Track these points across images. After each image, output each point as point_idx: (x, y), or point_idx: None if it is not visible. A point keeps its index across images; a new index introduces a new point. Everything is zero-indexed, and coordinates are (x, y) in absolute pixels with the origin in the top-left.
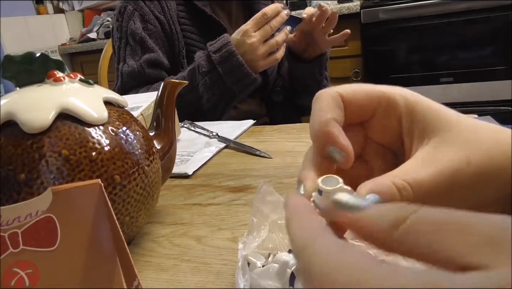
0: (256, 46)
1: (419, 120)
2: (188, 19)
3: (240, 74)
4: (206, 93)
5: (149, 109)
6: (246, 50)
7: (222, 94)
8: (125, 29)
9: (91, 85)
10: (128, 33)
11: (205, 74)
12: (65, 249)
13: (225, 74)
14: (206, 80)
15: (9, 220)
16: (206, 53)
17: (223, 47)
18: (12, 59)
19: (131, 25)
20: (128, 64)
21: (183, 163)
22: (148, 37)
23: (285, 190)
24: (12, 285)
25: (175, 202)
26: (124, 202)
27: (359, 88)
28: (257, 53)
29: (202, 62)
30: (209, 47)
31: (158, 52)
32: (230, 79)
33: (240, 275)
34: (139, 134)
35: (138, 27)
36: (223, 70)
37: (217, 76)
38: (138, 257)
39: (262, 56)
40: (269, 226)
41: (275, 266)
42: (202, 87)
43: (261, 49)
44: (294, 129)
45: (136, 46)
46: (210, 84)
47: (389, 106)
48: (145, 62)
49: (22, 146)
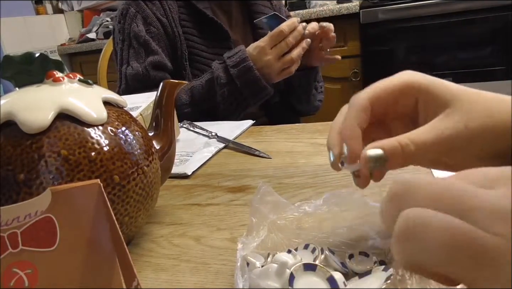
0: (272, 63)
1: (432, 99)
2: (190, 21)
3: (257, 88)
4: (223, 104)
5: (148, 110)
6: (262, 66)
7: (238, 104)
8: (128, 31)
9: (90, 85)
10: (131, 35)
11: (224, 86)
12: (64, 249)
13: (242, 87)
14: (225, 92)
15: (8, 220)
16: (223, 66)
17: (241, 62)
18: (11, 60)
19: (134, 27)
20: (132, 66)
21: (182, 163)
22: (151, 39)
23: (284, 189)
24: (11, 285)
25: (174, 202)
26: (123, 202)
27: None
28: (273, 69)
29: (220, 74)
30: (227, 61)
31: (161, 55)
32: (247, 91)
33: (239, 275)
34: (138, 134)
35: (141, 30)
36: (241, 83)
37: (235, 89)
38: (137, 257)
39: (277, 72)
40: (268, 226)
41: (274, 266)
42: (220, 97)
43: (276, 66)
44: (293, 130)
45: (139, 49)
46: (228, 95)
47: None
48: (150, 64)
49: (21, 146)
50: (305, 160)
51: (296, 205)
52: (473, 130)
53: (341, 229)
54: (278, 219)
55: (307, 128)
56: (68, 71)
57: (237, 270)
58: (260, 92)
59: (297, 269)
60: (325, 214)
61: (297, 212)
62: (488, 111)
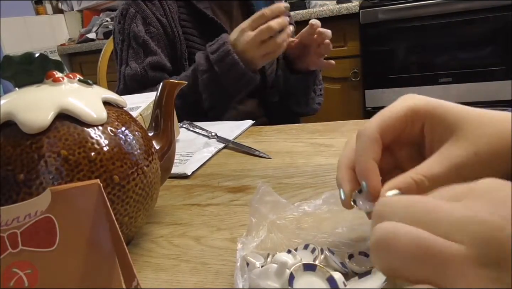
0: (252, 45)
1: (438, 123)
2: (190, 21)
3: (236, 73)
4: (204, 92)
5: (148, 110)
6: (243, 48)
7: (220, 92)
8: (127, 31)
9: (90, 85)
10: (131, 35)
11: (203, 73)
12: (64, 249)
13: (222, 73)
14: (204, 79)
15: (8, 220)
16: (205, 54)
17: (220, 47)
18: (11, 60)
19: (133, 27)
20: (131, 67)
21: (182, 163)
22: (150, 40)
23: (284, 189)
24: (11, 286)
25: (174, 202)
26: (123, 202)
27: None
28: (255, 52)
29: (201, 62)
30: (207, 48)
31: (160, 55)
32: (226, 77)
33: (239, 275)
34: (138, 134)
35: (140, 30)
36: (220, 69)
37: (215, 75)
38: (137, 257)
39: (259, 55)
40: (268, 226)
41: (274, 266)
42: (201, 85)
43: (258, 49)
44: (293, 130)
45: (138, 49)
46: (208, 82)
47: (413, 115)
48: (148, 65)
49: (21, 146)
50: (305, 160)
51: (295, 205)
52: (484, 157)
53: (341, 229)
54: (277, 219)
55: (307, 129)
56: (68, 71)
57: (237, 270)
58: (240, 78)
59: (297, 269)
60: (325, 214)
61: (297, 212)
62: (497, 134)
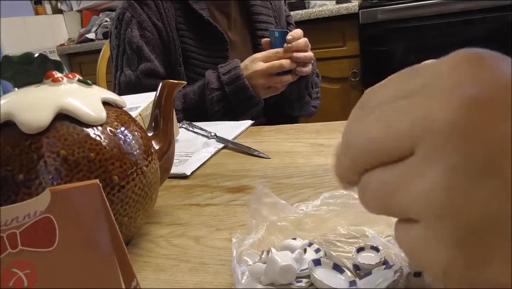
0: (260, 74)
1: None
2: (186, 24)
3: (245, 96)
4: (212, 108)
5: (147, 110)
6: (251, 75)
7: (226, 111)
8: (123, 37)
9: (89, 85)
10: (126, 41)
11: (214, 90)
12: (63, 250)
13: (231, 94)
14: (213, 97)
15: (7, 220)
16: (216, 73)
17: (232, 70)
18: (10, 60)
19: (128, 33)
20: (125, 74)
21: (182, 163)
22: (145, 45)
23: (283, 190)
24: (10, 286)
25: (174, 203)
26: (122, 202)
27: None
28: (258, 82)
29: (212, 80)
30: (219, 69)
31: (154, 62)
32: (235, 99)
33: (238, 273)
34: (137, 134)
35: (135, 35)
36: (230, 90)
37: (224, 95)
38: (137, 258)
39: (262, 86)
40: (268, 227)
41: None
42: (209, 102)
43: (261, 80)
44: (292, 130)
45: (132, 55)
46: (217, 100)
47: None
48: (142, 73)
49: (20, 146)
50: (304, 160)
51: (294, 206)
52: None
53: (341, 229)
54: (278, 220)
55: (306, 129)
56: (67, 71)
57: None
58: (248, 101)
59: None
60: (325, 214)
61: (296, 213)
62: None
